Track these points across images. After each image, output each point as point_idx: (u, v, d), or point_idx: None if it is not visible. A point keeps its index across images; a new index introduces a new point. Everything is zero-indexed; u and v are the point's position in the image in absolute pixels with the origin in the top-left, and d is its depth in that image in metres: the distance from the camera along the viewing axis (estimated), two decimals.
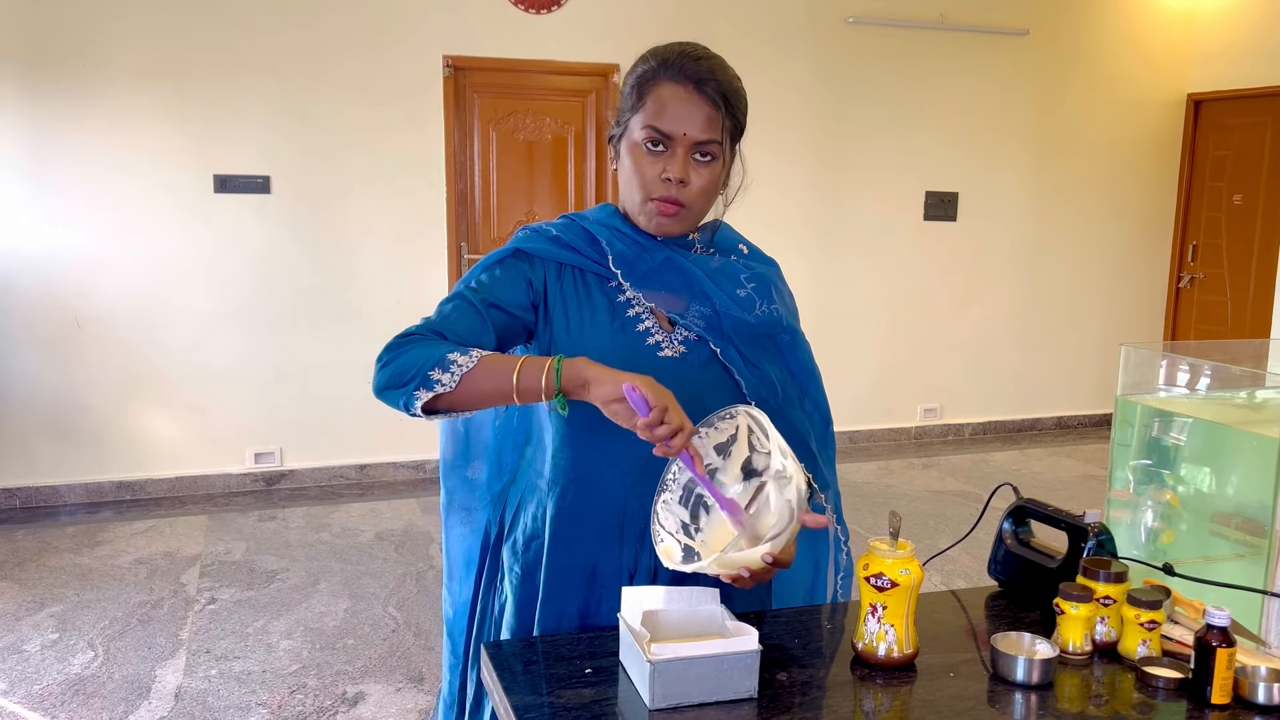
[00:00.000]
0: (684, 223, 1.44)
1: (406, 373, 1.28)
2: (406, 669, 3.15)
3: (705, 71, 1.37)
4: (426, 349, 1.29)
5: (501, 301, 1.40)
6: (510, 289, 1.41)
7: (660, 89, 1.38)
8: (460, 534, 1.63)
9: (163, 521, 4.49)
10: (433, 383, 1.27)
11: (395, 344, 1.33)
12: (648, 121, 1.38)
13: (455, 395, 1.28)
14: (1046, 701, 1.24)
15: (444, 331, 1.34)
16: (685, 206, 1.41)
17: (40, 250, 4.52)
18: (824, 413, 1.60)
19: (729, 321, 1.44)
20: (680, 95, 1.37)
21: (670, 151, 1.38)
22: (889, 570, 1.29)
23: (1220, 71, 6.14)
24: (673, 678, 1.17)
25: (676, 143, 1.38)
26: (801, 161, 5.61)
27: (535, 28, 5.06)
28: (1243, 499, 2.43)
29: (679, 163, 1.38)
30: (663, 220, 1.42)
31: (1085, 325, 6.39)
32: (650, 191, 1.40)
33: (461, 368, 1.26)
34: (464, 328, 1.35)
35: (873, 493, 5.05)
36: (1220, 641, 1.21)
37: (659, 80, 1.38)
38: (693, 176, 1.39)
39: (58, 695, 2.96)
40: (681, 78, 1.37)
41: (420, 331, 1.34)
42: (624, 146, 1.43)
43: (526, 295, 1.42)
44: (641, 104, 1.39)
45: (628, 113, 1.42)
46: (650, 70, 1.39)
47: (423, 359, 1.28)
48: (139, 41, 4.52)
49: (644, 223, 1.44)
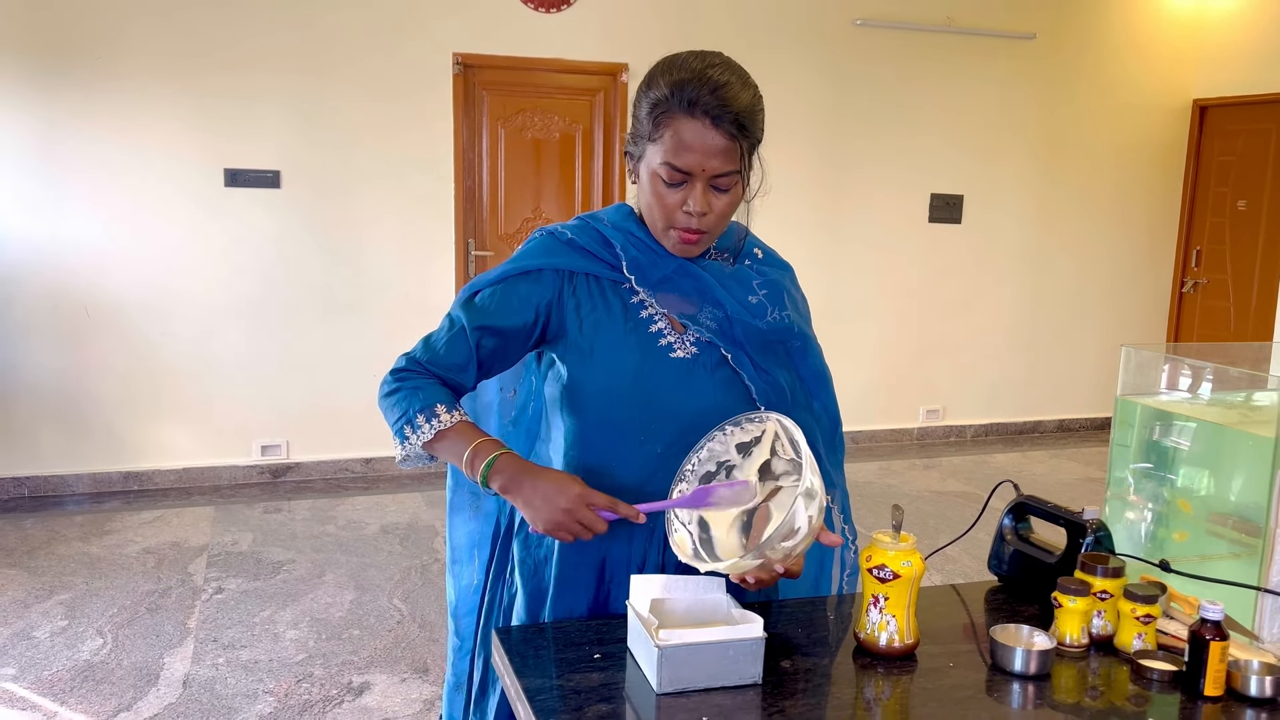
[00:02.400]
0: (705, 246, 1.47)
1: (389, 415, 1.44)
2: (411, 660, 3.18)
3: (720, 105, 1.34)
4: (407, 401, 1.42)
5: (495, 323, 1.45)
6: (509, 312, 1.45)
7: (676, 124, 1.36)
8: (466, 519, 1.67)
9: (170, 512, 4.53)
10: (404, 438, 1.41)
11: (392, 377, 1.46)
12: (666, 159, 1.38)
13: (427, 450, 1.42)
14: (1044, 692, 1.27)
15: (434, 366, 1.44)
16: (707, 233, 1.44)
17: (51, 241, 4.56)
18: (833, 415, 1.62)
19: (740, 327, 1.47)
20: (697, 132, 1.35)
21: (689, 185, 1.39)
22: (891, 562, 1.32)
23: (1226, 77, 6.17)
24: (680, 662, 1.20)
25: (695, 178, 1.38)
26: (807, 163, 5.64)
27: (545, 26, 5.10)
28: (1239, 499, 2.46)
29: (699, 196, 1.39)
30: (685, 247, 1.45)
31: (1088, 329, 6.42)
32: (672, 221, 1.42)
33: (424, 435, 1.40)
34: (453, 359, 1.45)
35: (874, 493, 5.08)
36: (1214, 635, 1.25)
37: (674, 114, 1.36)
38: (713, 204, 1.41)
39: (67, 681, 3.00)
40: (697, 113, 1.35)
41: (414, 370, 1.45)
42: (643, 170, 1.43)
43: (525, 315, 1.46)
44: (659, 135, 1.38)
45: (645, 140, 1.41)
46: (665, 100, 1.37)
47: (401, 412, 1.42)
48: (152, 37, 4.55)
49: (667, 245, 1.46)
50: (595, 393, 1.42)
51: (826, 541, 1.33)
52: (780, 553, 1.28)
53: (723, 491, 1.37)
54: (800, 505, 1.30)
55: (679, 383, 1.44)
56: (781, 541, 1.28)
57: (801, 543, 1.29)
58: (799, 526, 1.30)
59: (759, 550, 1.28)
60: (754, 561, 1.28)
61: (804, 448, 1.33)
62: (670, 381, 1.44)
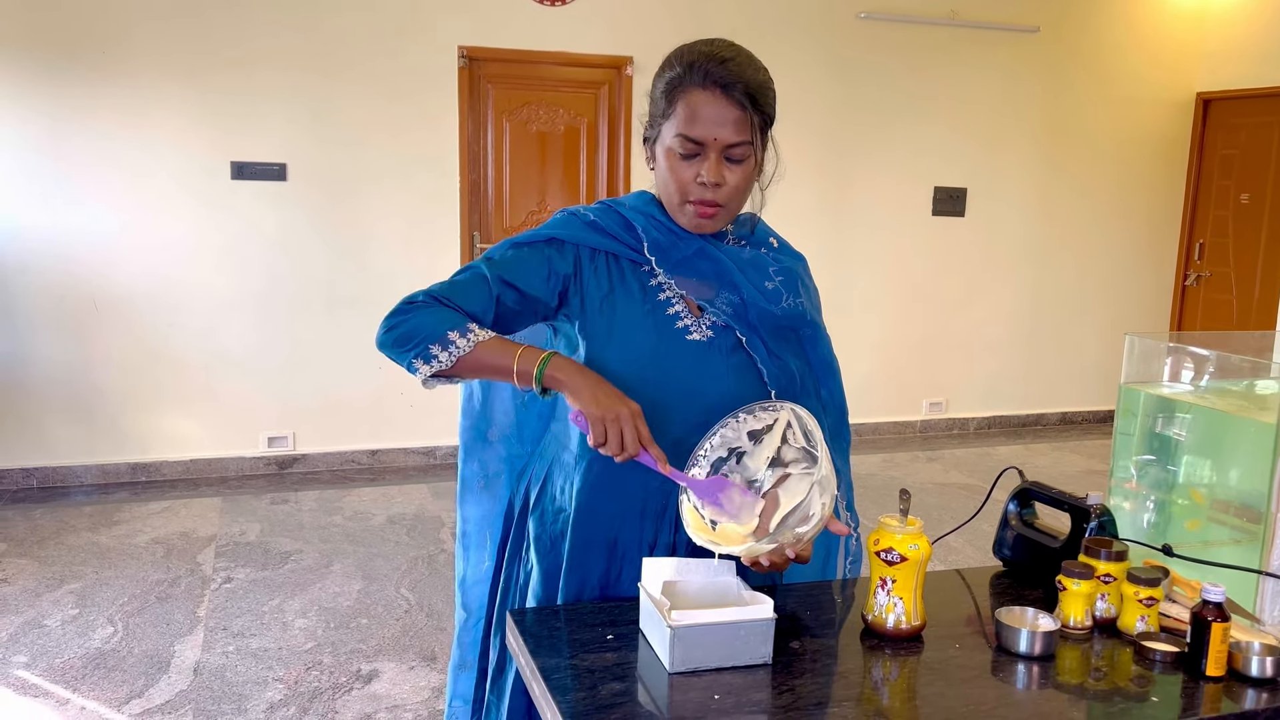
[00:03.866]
0: (721, 221, 1.50)
1: (410, 340, 1.39)
2: (419, 648, 3.21)
3: (731, 75, 1.41)
4: (432, 320, 1.38)
5: (518, 282, 1.46)
6: (531, 272, 1.47)
7: (689, 96, 1.42)
8: (477, 499, 1.70)
9: (178, 503, 4.56)
10: (430, 357, 1.38)
11: (403, 308, 1.42)
12: (679, 130, 1.42)
13: (453, 370, 1.39)
14: (1048, 672, 1.29)
15: (451, 300, 1.42)
16: (723, 206, 1.47)
17: (59, 233, 4.59)
18: (840, 405, 1.65)
19: (755, 312, 1.50)
20: (708, 101, 1.41)
21: (703, 156, 1.43)
22: (899, 545, 1.34)
23: (1229, 71, 6.17)
24: (692, 642, 1.23)
25: (709, 148, 1.42)
26: (812, 156, 5.65)
27: (550, 19, 5.11)
28: (1241, 486, 2.48)
29: (712, 167, 1.43)
30: (701, 221, 1.48)
31: (1091, 322, 6.43)
32: (687, 194, 1.46)
33: (460, 350, 1.37)
34: (470, 302, 1.43)
35: (877, 484, 5.10)
36: (1215, 616, 1.27)
37: (687, 87, 1.42)
38: (727, 177, 1.44)
39: (79, 669, 3.03)
40: (709, 83, 1.41)
41: (427, 299, 1.42)
42: (659, 150, 1.48)
43: (547, 282, 1.47)
44: (672, 110, 1.44)
45: (660, 119, 1.47)
46: (677, 77, 1.43)
47: (426, 331, 1.37)
48: (159, 30, 4.57)
49: (683, 222, 1.49)
50: (611, 372, 1.45)
51: (834, 529, 1.36)
52: (793, 538, 1.31)
53: (734, 494, 1.39)
54: (815, 493, 1.33)
55: (694, 364, 1.47)
56: (796, 527, 1.31)
57: (813, 529, 1.32)
58: (813, 513, 1.33)
59: (774, 535, 1.30)
60: (768, 546, 1.31)
61: (818, 437, 1.36)
62: (685, 363, 1.47)
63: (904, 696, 1.27)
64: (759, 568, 1.35)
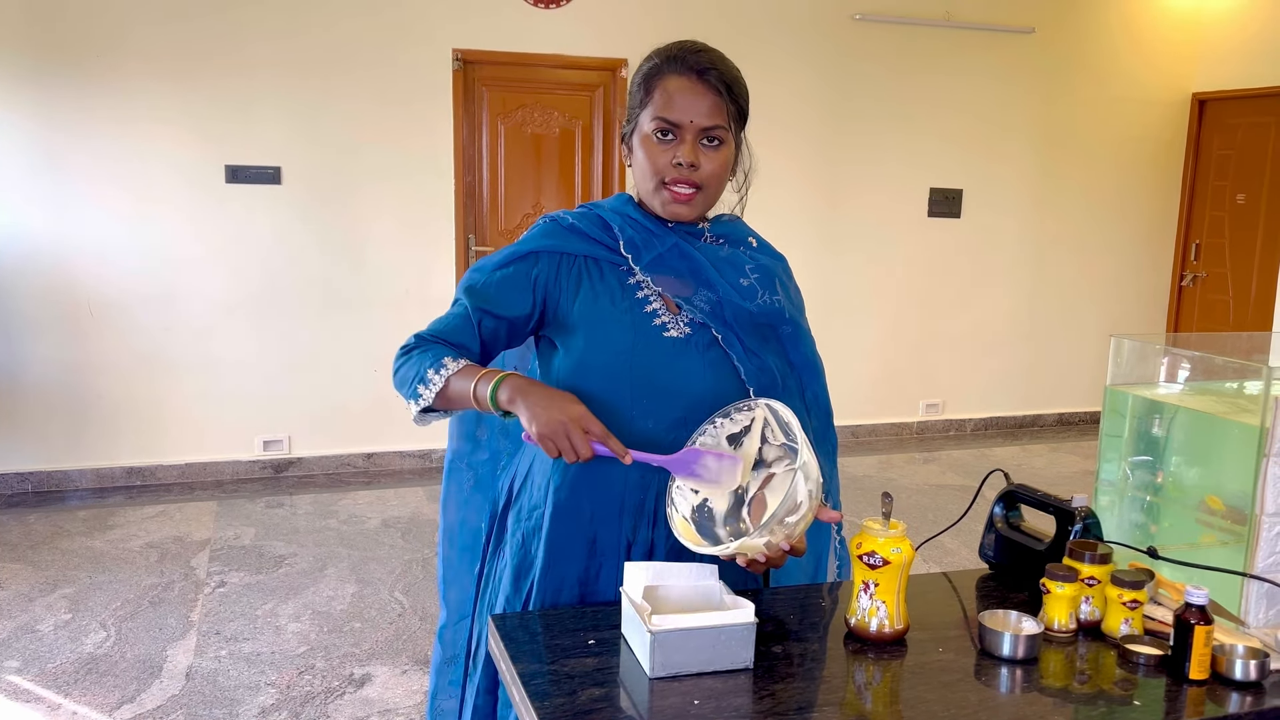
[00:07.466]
0: (697, 208, 1.51)
1: (404, 384, 1.46)
2: (413, 652, 3.21)
3: (706, 62, 1.47)
4: (418, 363, 1.44)
5: (495, 309, 1.49)
6: (508, 294, 1.50)
7: (666, 82, 1.47)
8: (460, 498, 1.71)
9: (172, 507, 4.56)
10: (417, 395, 1.43)
11: (399, 354, 1.49)
12: (656, 114, 1.47)
13: (439, 405, 1.44)
14: (1031, 676, 1.29)
15: (439, 337, 1.49)
16: (700, 189, 1.49)
17: (54, 237, 4.58)
18: (824, 407, 1.65)
19: (730, 309, 1.50)
20: (685, 86, 1.46)
21: (679, 139, 1.47)
22: (881, 549, 1.34)
23: (1225, 71, 6.17)
24: (673, 647, 1.22)
25: (685, 130, 1.46)
26: (806, 157, 5.65)
27: (544, 22, 5.11)
28: (1227, 487, 2.48)
29: (688, 148, 1.47)
30: (677, 207, 1.50)
31: (1087, 323, 6.43)
32: (663, 175, 1.48)
33: (435, 385, 1.42)
34: (455, 335, 1.49)
35: (873, 486, 5.09)
36: (1198, 619, 1.26)
37: (664, 74, 1.48)
38: (703, 161, 1.48)
39: (71, 673, 3.03)
40: (685, 69, 1.47)
41: (423, 339, 1.49)
42: (636, 141, 1.51)
43: (527, 296, 1.51)
44: (649, 98, 1.48)
45: (637, 109, 1.51)
46: (655, 66, 1.49)
47: (413, 374, 1.44)
48: (153, 35, 4.57)
49: (658, 208, 1.52)
50: (589, 369, 1.46)
51: (825, 518, 1.35)
52: (785, 529, 1.30)
53: (709, 460, 1.39)
54: (800, 480, 1.32)
55: (671, 362, 1.47)
56: (786, 517, 1.30)
57: (803, 518, 1.31)
58: (800, 501, 1.32)
59: (764, 529, 1.29)
60: (761, 540, 1.30)
61: (795, 427, 1.35)
62: (663, 360, 1.48)
63: (886, 700, 1.27)
64: (756, 567, 1.34)
